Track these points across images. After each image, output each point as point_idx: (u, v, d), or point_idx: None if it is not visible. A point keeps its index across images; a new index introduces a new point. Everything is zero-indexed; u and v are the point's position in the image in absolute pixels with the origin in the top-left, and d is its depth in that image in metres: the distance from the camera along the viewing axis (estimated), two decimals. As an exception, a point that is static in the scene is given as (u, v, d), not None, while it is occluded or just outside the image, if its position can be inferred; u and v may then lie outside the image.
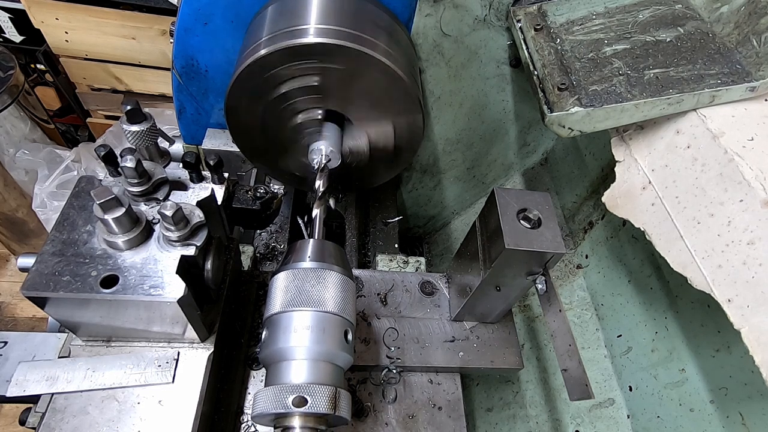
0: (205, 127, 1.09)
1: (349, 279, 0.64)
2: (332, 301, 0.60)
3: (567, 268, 1.23)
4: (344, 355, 0.59)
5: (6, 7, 2.12)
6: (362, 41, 0.74)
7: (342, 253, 0.67)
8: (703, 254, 0.64)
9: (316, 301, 0.59)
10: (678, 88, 0.68)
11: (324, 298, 0.59)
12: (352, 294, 0.64)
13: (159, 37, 2.14)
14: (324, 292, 0.60)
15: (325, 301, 0.59)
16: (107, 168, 0.68)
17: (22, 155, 2.33)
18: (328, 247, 0.66)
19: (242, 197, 0.80)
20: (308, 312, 0.58)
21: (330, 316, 0.59)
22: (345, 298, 0.61)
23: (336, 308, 0.59)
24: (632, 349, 1.02)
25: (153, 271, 0.60)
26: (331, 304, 0.59)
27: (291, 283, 0.60)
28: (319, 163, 0.83)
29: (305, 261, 0.63)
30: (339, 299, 0.60)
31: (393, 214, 1.27)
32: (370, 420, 0.78)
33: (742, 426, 0.76)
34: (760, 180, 0.58)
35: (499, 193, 0.70)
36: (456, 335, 0.86)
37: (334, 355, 0.58)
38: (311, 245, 0.65)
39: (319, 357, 0.57)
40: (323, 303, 0.59)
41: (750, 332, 0.57)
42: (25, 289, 0.57)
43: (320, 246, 0.65)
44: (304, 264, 0.62)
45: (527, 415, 1.17)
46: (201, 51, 0.92)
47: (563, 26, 0.86)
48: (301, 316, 0.58)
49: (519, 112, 1.24)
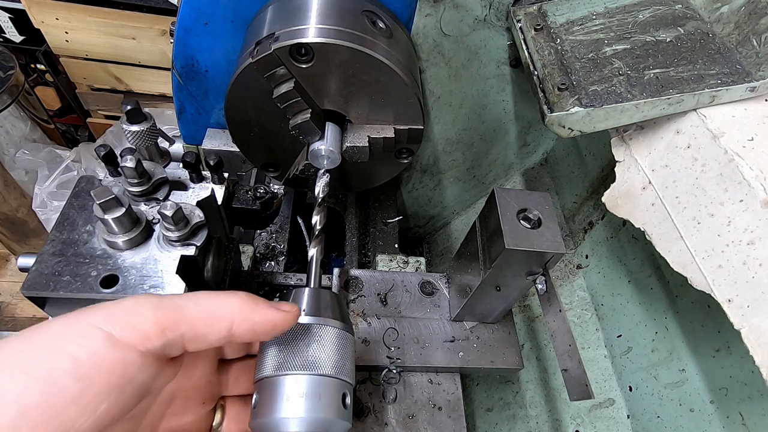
0: (205, 127, 1.09)
1: (348, 333, 0.59)
2: (329, 361, 0.55)
3: (567, 268, 1.23)
4: (341, 423, 0.54)
5: (6, 7, 2.12)
6: (362, 41, 0.74)
7: (340, 302, 0.62)
8: (703, 254, 0.64)
9: (311, 363, 0.53)
10: (678, 88, 0.68)
11: (320, 359, 0.54)
12: (351, 350, 0.59)
13: (159, 37, 2.14)
14: (320, 351, 0.55)
15: (321, 362, 0.54)
16: (107, 168, 0.68)
17: (22, 155, 2.33)
18: (324, 296, 0.61)
19: (242, 197, 0.80)
20: (303, 376, 0.53)
21: (327, 379, 0.54)
22: (343, 356, 0.56)
23: (333, 370, 0.54)
24: (632, 349, 1.02)
25: (153, 271, 0.60)
26: (329, 366, 0.54)
27: (284, 341, 0.55)
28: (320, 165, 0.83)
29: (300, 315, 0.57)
30: (337, 359, 0.55)
31: (393, 214, 1.27)
32: (370, 420, 0.78)
33: (742, 426, 0.76)
34: (760, 180, 0.58)
35: (499, 193, 0.70)
36: (456, 335, 0.86)
37: (331, 423, 0.53)
38: (307, 296, 0.60)
39: (313, 428, 0.52)
40: (319, 365, 0.54)
41: (750, 332, 0.57)
42: (25, 289, 0.57)
43: (316, 296, 0.60)
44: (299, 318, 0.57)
45: (527, 415, 1.17)
46: (201, 51, 0.92)
47: (563, 26, 0.86)
48: (294, 380, 0.52)
49: (519, 112, 1.24)
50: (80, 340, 0.37)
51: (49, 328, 0.38)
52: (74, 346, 0.36)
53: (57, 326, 0.38)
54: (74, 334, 0.37)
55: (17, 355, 0.35)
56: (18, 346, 0.36)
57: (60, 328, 0.38)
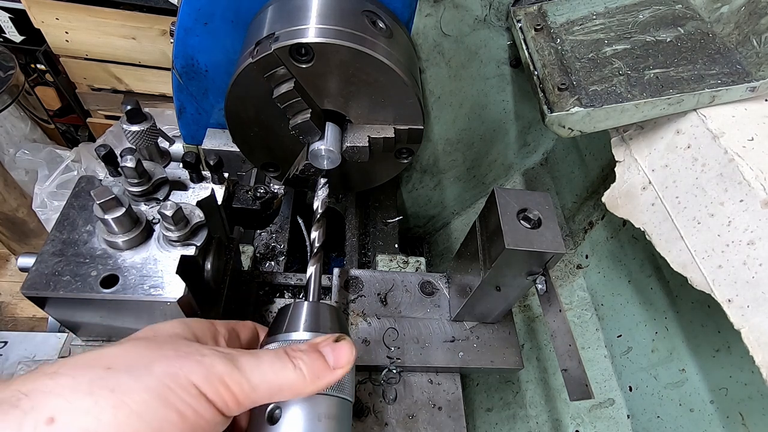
0: (205, 127, 1.09)
1: None
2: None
3: (567, 268, 1.23)
4: None
5: (6, 7, 2.12)
6: (362, 41, 0.74)
7: (339, 316, 0.62)
8: (703, 254, 0.64)
9: None
10: (678, 88, 0.68)
11: None
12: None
13: (159, 37, 2.14)
14: None
15: None
16: (107, 168, 0.68)
17: (22, 155, 2.33)
18: (323, 311, 0.60)
19: (242, 197, 0.80)
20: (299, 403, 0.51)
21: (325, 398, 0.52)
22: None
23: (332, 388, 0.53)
24: (632, 349, 1.02)
25: (153, 271, 0.60)
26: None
27: None
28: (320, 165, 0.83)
29: (298, 331, 0.57)
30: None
31: (393, 214, 1.27)
32: (370, 420, 0.78)
33: (742, 426, 0.76)
34: (760, 180, 0.58)
35: (499, 193, 0.70)
36: (456, 335, 0.86)
37: None
38: (306, 310, 0.59)
39: None
40: None
41: (750, 332, 0.57)
42: (25, 289, 0.57)
43: (315, 311, 0.59)
44: (296, 335, 0.56)
45: (527, 415, 1.17)
46: (201, 51, 0.92)
47: (563, 26, 0.86)
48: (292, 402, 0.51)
49: (519, 112, 1.24)
50: (186, 396, 0.40)
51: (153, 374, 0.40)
52: (181, 402, 0.39)
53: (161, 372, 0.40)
54: (180, 389, 0.40)
55: (131, 397, 0.37)
56: (130, 385, 0.38)
57: (165, 377, 0.40)
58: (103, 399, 0.36)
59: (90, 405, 0.36)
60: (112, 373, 0.38)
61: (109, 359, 0.40)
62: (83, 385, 0.37)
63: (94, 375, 0.38)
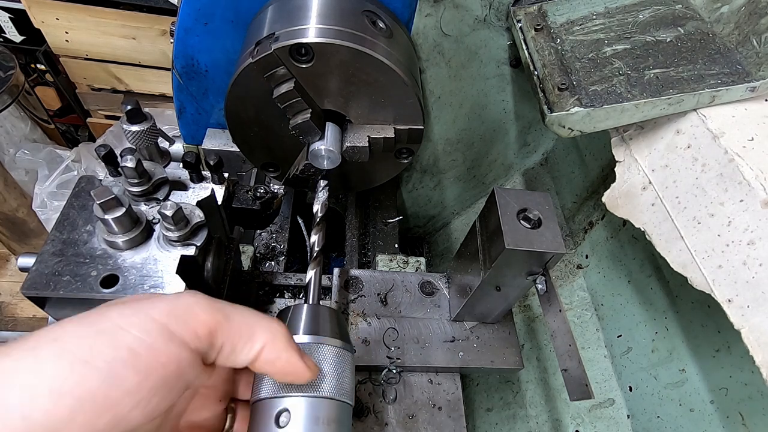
0: (205, 127, 1.09)
1: (347, 351, 0.57)
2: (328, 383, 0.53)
3: (567, 268, 1.23)
4: None
5: (6, 7, 2.12)
6: (362, 41, 0.74)
7: (339, 319, 0.62)
8: (703, 254, 0.64)
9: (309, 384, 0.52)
10: (678, 88, 0.68)
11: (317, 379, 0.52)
12: (350, 369, 0.57)
13: (159, 37, 2.14)
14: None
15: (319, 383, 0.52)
16: (107, 168, 0.68)
17: (22, 155, 2.33)
18: (323, 313, 0.60)
19: (242, 197, 0.80)
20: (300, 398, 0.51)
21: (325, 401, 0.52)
22: (342, 375, 0.55)
23: (332, 391, 0.53)
24: (632, 349, 1.02)
25: (153, 270, 0.60)
26: (327, 387, 0.53)
27: None
28: (320, 165, 0.83)
29: (298, 334, 0.57)
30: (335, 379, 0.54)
31: (393, 214, 1.27)
32: (370, 420, 0.78)
33: (742, 426, 0.76)
34: (760, 180, 0.58)
35: (499, 193, 0.70)
36: (456, 335, 0.86)
37: None
38: (305, 313, 0.59)
39: None
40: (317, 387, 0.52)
41: (750, 332, 0.57)
42: (25, 289, 0.57)
43: (314, 313, 0.59)
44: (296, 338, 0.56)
45: (527, 415, 1.17)
46: (201, 51, 0.92)
47: (563, 26, 0.86)
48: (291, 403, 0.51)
49: (519, 112, 1.25)
50: (139, 332, 0.36)
51: (108, 317, 0.37)
52: (133, 337, 0.36)
53: (115, 315, 0.37)
54: (133, 326, 0.36)
55: (76, 343, 0.35)
56: (76, 332, 0.35)
57: (119, 318, 0.37)
58: (45, 350, 0.34)
59: (32, 361, 0.33)
60: (59, 324, 0.36)
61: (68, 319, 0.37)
62: (29, 343, 0.34)
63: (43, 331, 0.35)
